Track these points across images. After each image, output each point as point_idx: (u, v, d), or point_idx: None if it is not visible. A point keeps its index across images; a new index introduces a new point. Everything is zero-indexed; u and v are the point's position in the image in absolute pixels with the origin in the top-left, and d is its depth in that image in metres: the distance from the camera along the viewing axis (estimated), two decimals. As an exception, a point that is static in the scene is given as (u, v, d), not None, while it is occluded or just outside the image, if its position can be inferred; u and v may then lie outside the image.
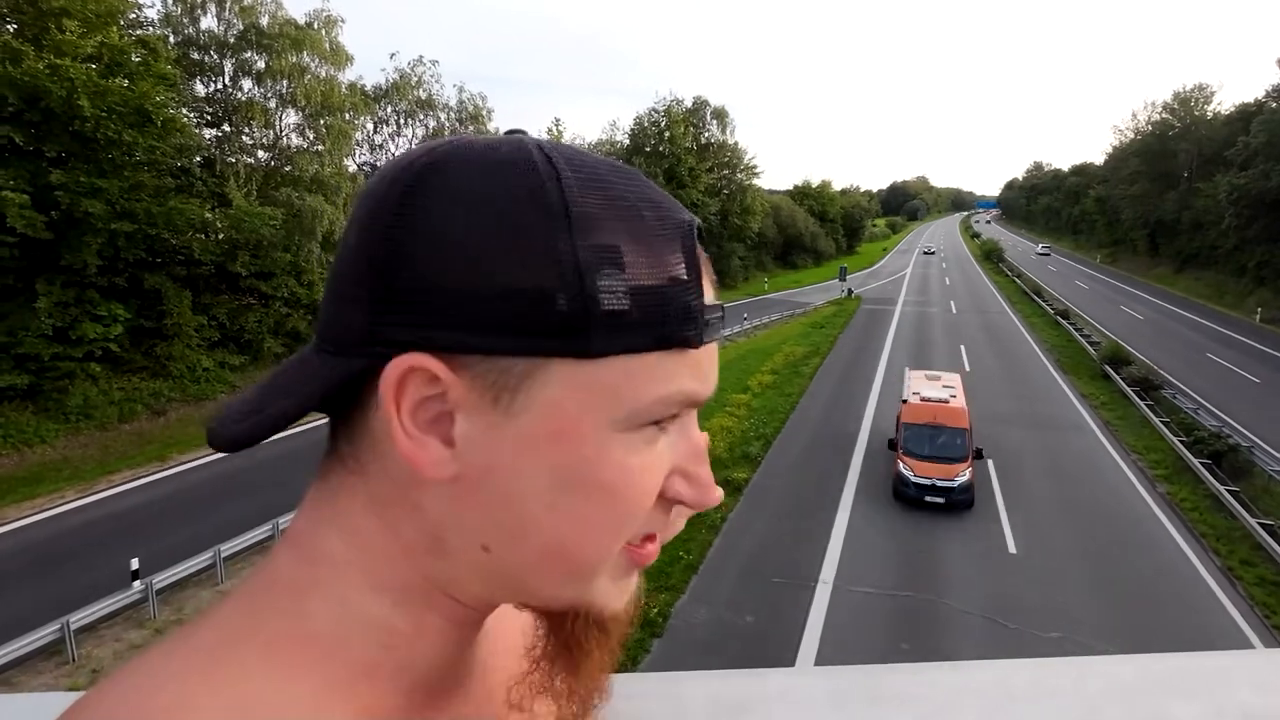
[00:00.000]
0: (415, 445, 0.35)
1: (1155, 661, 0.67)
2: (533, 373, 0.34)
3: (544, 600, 0.40)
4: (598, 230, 0.34)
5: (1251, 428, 17.23)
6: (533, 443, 0.35)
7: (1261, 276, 37.46)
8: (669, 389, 0.36)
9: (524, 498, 0.36)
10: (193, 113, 20.51)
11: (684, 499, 0.39)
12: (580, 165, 0.36)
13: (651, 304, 0.35)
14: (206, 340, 18.72)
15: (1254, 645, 8.78)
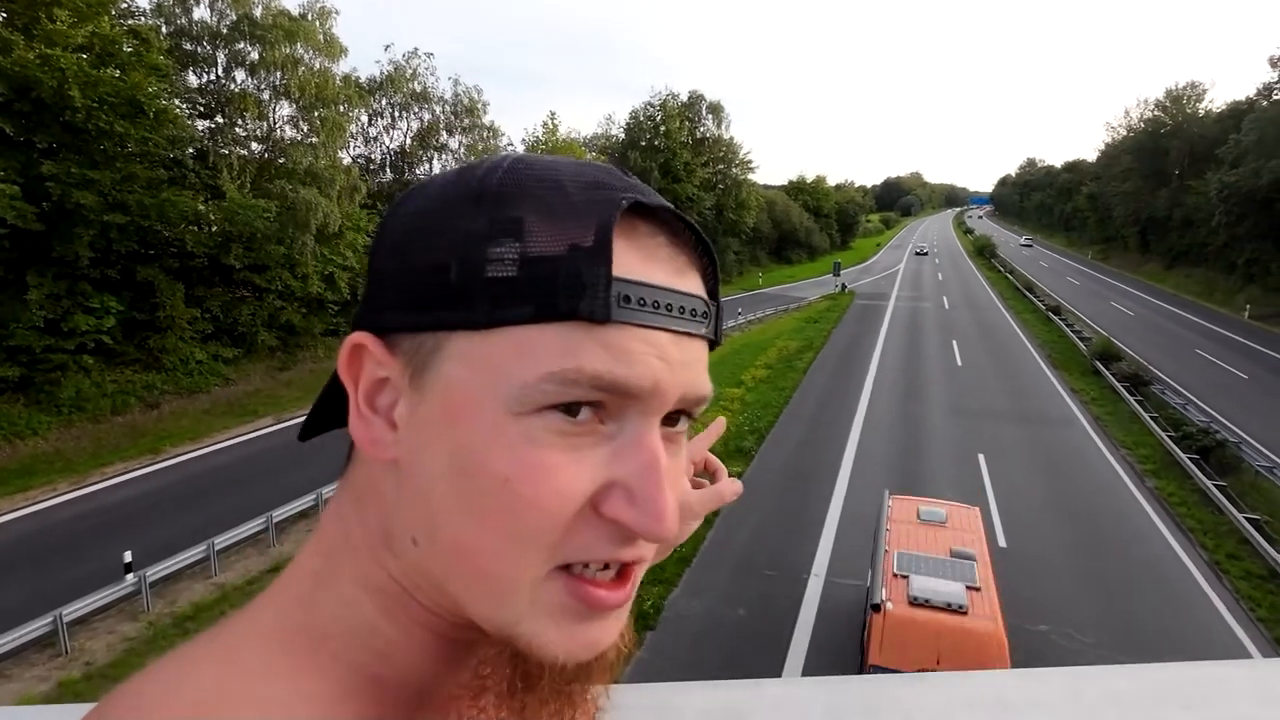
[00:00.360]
0: (361, 423, 0.36)
1: (1151, 672, 0.67)
2: (438, 348, 0.34)
3: (475, 617, 0.36)
4: (506, 206, 0.34)
5: (1239, 423, 17.36)
6: (436, 423, 0.34)
7: (1250, 274, 37.67)
8: (564, 365, 0.32)
9: (431, 484, 0.34)
10: (185, 104, 20.31)
11: (624, 520, 0.34)
12: (531, 160, 0.36)
13: (540, 273, 0.33)
14: (200, 333, 18.61)
15: (1238, 637, 8.87)
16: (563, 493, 0.33)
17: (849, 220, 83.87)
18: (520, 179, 0.35)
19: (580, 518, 0.34)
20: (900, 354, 25.39)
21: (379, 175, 28.32)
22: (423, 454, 0.35)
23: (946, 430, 16.63)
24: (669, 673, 7.91)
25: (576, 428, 0.33)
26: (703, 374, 0.38)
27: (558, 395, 0.32)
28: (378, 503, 0.37)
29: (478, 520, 0.33)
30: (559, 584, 0.34)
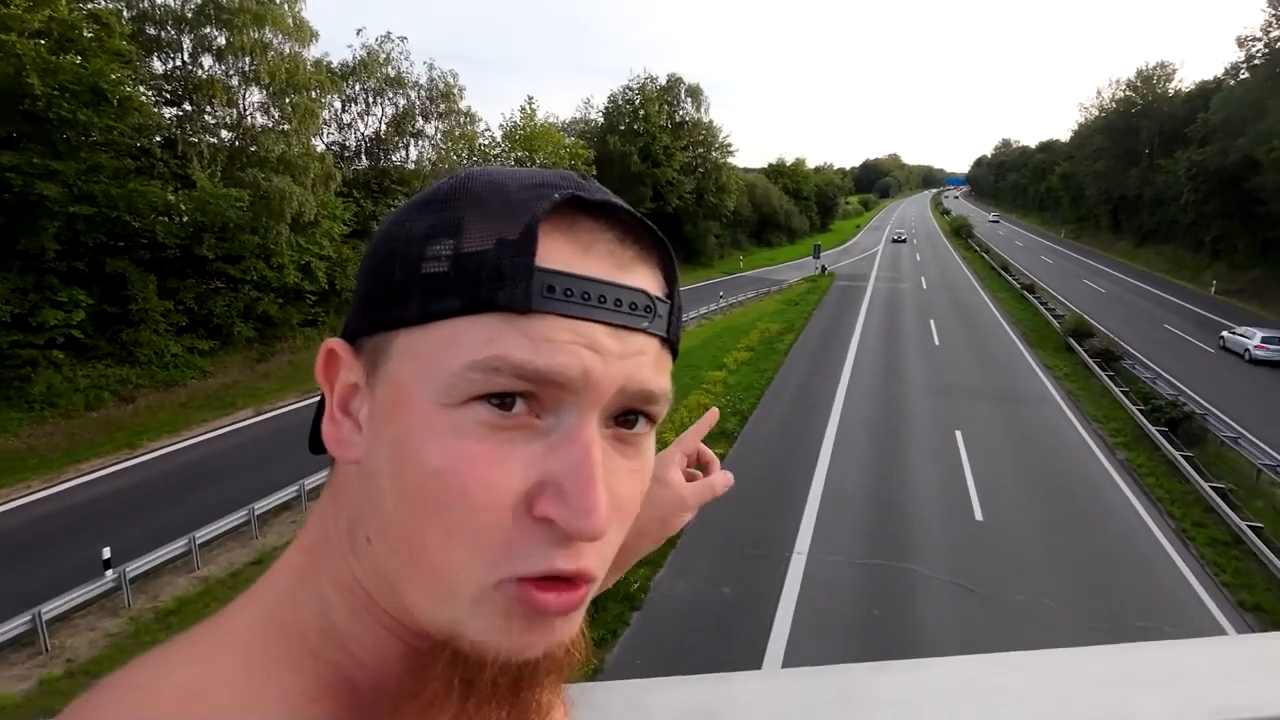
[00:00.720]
0: (331, 426, 0.38)
1: (1120, 653, 0.68)
2: (387, 347, 0.36)
3: (421, 619, 0.35)
4: (450, 207, 0.36)
5: (1206, 396, 17.80)
6: (382, 418, 0.35)
7: (1217, 250, 38.47)
8: (485, 353, 0.32)
9: (379, 480, 0.35)
10: (151, 91, 19.68)
11: (549, 515, 0.33)
12: (490, 170, 0.38)
13: (469, 267, 0.34)
14: (174, 325, 18.20)
15: (1203, 601, 9.15)
16: (490, 485, 0.33)
17: (828, 202, 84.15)
18: (469, 184, 0.37)
19: (519, 522, 0.33)
20: (879, 334, 25.63)
21: (354, 162, 27.77)
22: (374, 451, 0.35)
23: (925, 408, 16.85)
24: (658, 650, 7.99)
25: (507, 420, 0.33)
26: (647, 369, 0.36)
27: (483, 385, 0.32)
28: (346, 503, 0.38)
29: (415, 513, 0.33)
30: (503, 594, 0.34)
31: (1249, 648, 0.69)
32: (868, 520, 11.14)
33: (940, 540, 10.51)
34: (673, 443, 0.68)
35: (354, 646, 0.37)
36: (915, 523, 11.07)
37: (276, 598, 0.37)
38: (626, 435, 0.37)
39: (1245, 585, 9.48)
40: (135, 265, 17.45)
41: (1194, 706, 0.61)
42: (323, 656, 0.36)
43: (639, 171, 43.71)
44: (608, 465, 0.35)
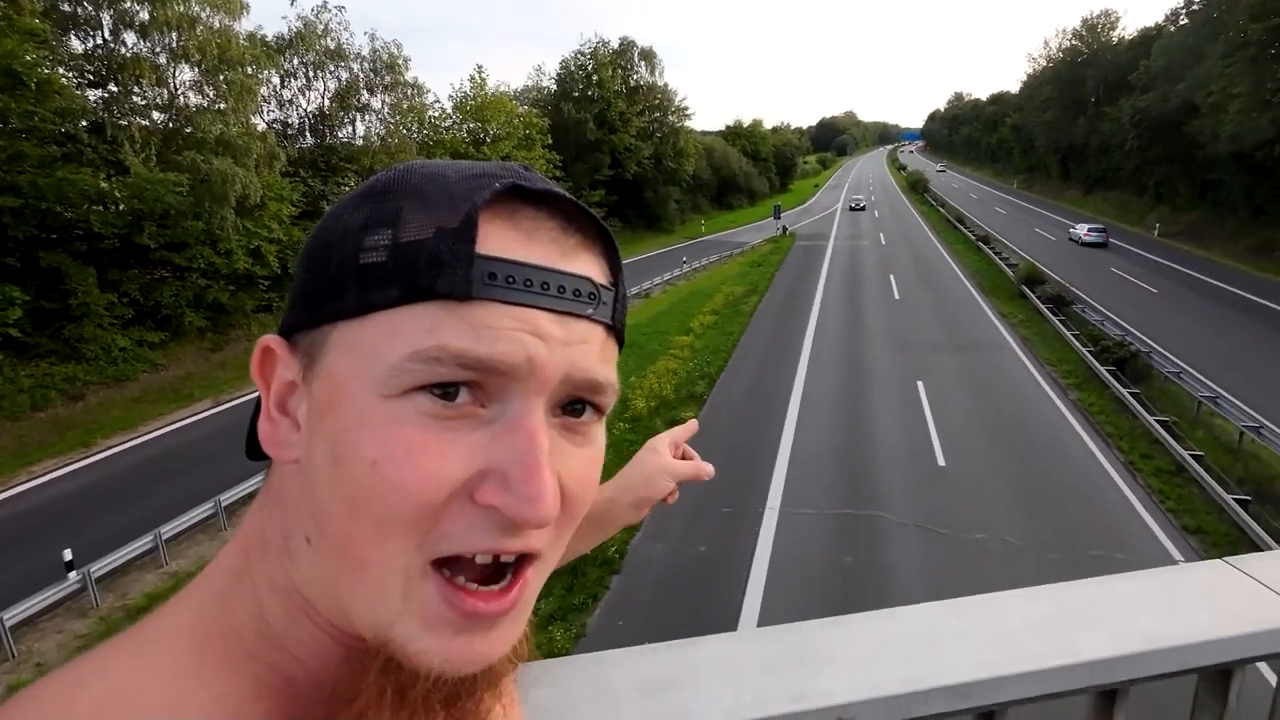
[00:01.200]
0: (268, 425, 0.37)
1: (1064, 590, 0.70)
2: (322, 341, 0.35)
3: (357, 623, 0.34)
4: (388, 198, 0.35)
5: (1150, 334, 18.55)
6: (317, 415, 0.34)
7: (1160, 194, 39.69)
8: (426, 342, 0.32)
9: (317, 476, 0.34)
10: (72, 73, 18.47)
11: (494, 503, 0.32)
12: (429, 162, 0.37)
13: (407, 256, 0.33)
14: (119, 318, 17.42)
15: (1150, 527, 9.66)
16: (429, 475, 0.32)
17: (787, 163, 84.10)
18: (408, 175, 0.36)
19: (455, 506, 0.32)
20: (841, 291, 25.96)
21: (299, 141, 26.64)
22: (312, 449, 0.34)
23: (887, 362, 17.21)
24: (639, 611, 8.14)
25: (450, 410, 0.32)
26: (591, 358, 0.36)
27: (425, 375, 0.32)
28: (283, 505, 0.36)
29: (350, 508, 0.32)
30: (434, 586, 0.33)
31: (1181, 577, 0.71)
32: (836, 473, 11.42)
33: (905, 487, 10.85)
34: (665, 431, 0.79)
35: (293, 648, 0.35)
36: (881, 472, 11.40)
37: (211, 599, 0.36)
38: (574, 424, 0.36)
39: (1188, 510, 10.03)
40: (72, 258, 16.59)
41: (1131, 635, 0.62)
42: (260, 658, 0.35)
43: (595, 139, 42.91)
44: (557, 451, 0.34)
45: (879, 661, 0.61)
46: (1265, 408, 13.31)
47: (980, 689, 0.58)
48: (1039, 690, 0.59)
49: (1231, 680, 0.65)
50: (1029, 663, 0.59)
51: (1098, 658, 0.60)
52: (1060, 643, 0.62)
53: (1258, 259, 28.38)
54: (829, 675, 0.59)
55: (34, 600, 8.47)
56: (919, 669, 0.59)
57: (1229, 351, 17.23)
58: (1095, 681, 0.60)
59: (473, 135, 34.67)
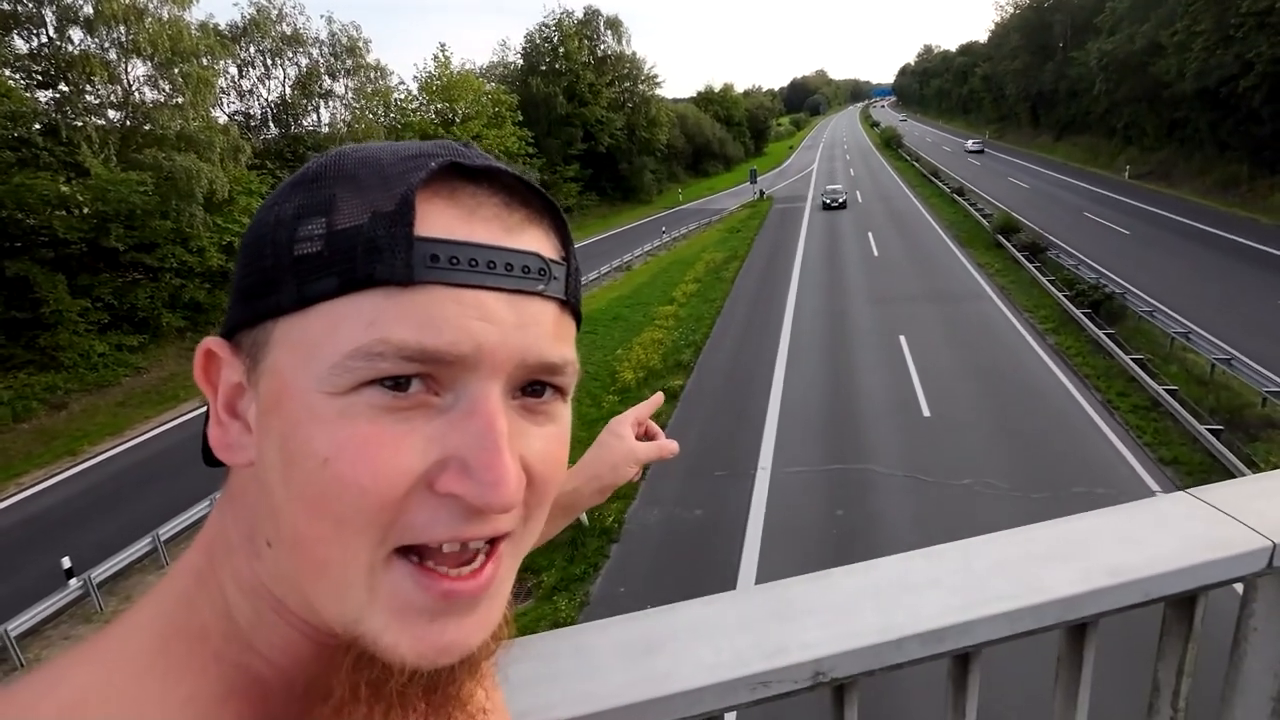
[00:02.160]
0: (218, 429, 0.35)
1: (1033, 531, 0.71)
2: (264, 339, 0.33)
3: (323, 620, 0.33)
4: (320, 186, 0.33)
5: (1124, 275, 18.78)
6: (266, 414, 0.33)
7: (1128, 136, 39.81)
8: (367, 337, 0.30)
9: (270, 478, 0.33)
10: (18, 73, 17.73)
11: (455, 491, 0.31)
12: (362, 146, 0.35)
13: (343, 243, 0.31)
14: (95, 324, 17.07)
15: (1128, 461, 9.91)
16: (385, 469, 0.30)
17: (760, 126, 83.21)
18: (339, 160, 0.34)
19: (416, 496, 0.31)
20: (821, 252, 25.95)
21: (263, 131, 25.94)
22: (263, 449, 0.33)
23: (869, 317, 17.31)
24: (639, 577, 8.27)
25: (402, 401, 0.31)
26: (545, 340, 0.34)
27: (369, 371, 0.30)
28: (244, 506, 0.35)
29: (305, 506, 0.31)
30: (402, 571, 0.32)
31: (1145, 510, 0.72)
32: (824, 430, 11.56)
33: (893, 439, 11.01)
34: (628, 410, 0.78)
35: (263, 647, 0.35)
36: (869, 426, 11.55)
37: (174, 601, 0.35)
38: (535, 404, 0.35)
39: (1164, 443, 10.29)
40: (38, 265, 16.16)
41: (1097, 570, 0.63)
42: (228, 658, 0.34)
43: (566, 113, 42.11)
44: (518, 434, 0.33)
45: (855, 613, 0.62)
46: (1235, 339, 13.60)
47: (953, 633, 0.59)
48: (1011, 630, 0.60)
49: (1196, 606, 0.67)
50: (999, 604, 0.60)
51: (1066, 594, 0.61)
52: (1029, 582, 0.63)
53: (1223, 194, 28.69)
54: (807, 629, 0.60)
55: (37, 609, 8.47)
56: (894, 618, 0.60)
57: (1199, 287, 17.52)
58: (1065, 618, 0.61)
59: (441, 116, 33.91)
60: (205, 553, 0.36)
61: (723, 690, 0.56)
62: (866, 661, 0.58)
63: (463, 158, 0.33)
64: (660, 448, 0.75)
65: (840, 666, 0.58)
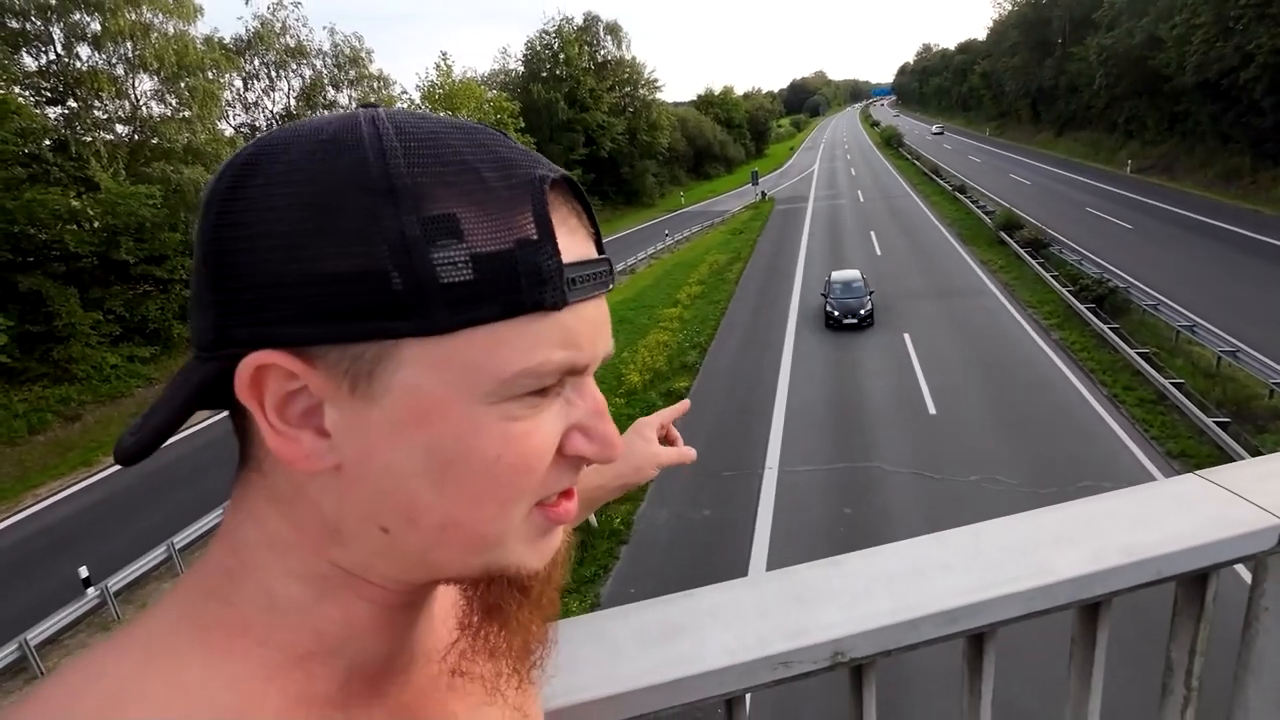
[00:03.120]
0: (286, 440, 0.34)
1: (1043, 515, 0.72)
2: (384, 356, 0.33)
3: (456, 572, 0.38)
4: (429, 200, 0.32)
5: (1127, 269, 18.67)
6: (401, 427, 0.34)
7: (1130, 130, 39.61)
8: (533, 361, 0.34)
9: (407, 481, 0.35)
10: (28, 90, 17.92)
11: (587, 454, 0.39)
12: (413, 132, 0.34)
13: (498, 271, 0.32)
14: (107, 336, 17.21)
15: (1135, 454, 9.86)
16: (543, 452, 0.37)
17: (761, 127, 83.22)
18: (427, 165, 0.33)
19: (552, 464, 0.38)
20: (824, 252, 25.91)
21: (269, 142, 26.09)
22: (385, 456, 0.34)
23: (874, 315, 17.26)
24: (649, 576, 8.27)
25: (545, 399, 0.36)
26: (610, 330, 0.41)
27: (530, 386, 0.35)
28: (309, 507, 0.36)
29: (471, 498, 0.35)
30: (536, 514, 0.39)
31: (1155, 492, 0.73)
32: (831, 428, 11.54)
33: (899, 437, 10.98)
34: (654, 413, 0.83)
35: (316, 622, 0.37)
36: (874, 424, 11.53)
37: (207, 597, 0.36)
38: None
39: (1171, 436, 10.22)
40: (51, 279, 16.30)
41: (1108, 550, 0.64)
42: (271, 643, 0.35)
43: (568, 118, 42.23)
44: None
45: (871, 595, 0.63)
46: (1241, 331, 13.51)
47: (967, 613, 0.60)
48: (1024, 610, 0.61)
49: (1208, 585, 0.68)
50: (1012, 585, 0.61)
51: (1078, 574, 0.62)
52: (1040, 564, 0.63)
53: (1226, 186, 28.51)
54: (825, 611, 0.61)
55: (56, 618, 8.52)
56: (909, 599, 0.61)
57: (1204, 279, 17.41)
58: (1077, 597, 0.62)
59: (444, 124, 33.96)
60: (232, 554, 0.37)
61: (745, 670, 0.57)
62: (883, 642, 0.59)
63: (547, 169, 0.36)
64: (681, 453, 0.80)
65: (858, 647, 0.59)
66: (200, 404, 0.36)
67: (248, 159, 0.34)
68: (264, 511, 0.37)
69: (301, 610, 0.37)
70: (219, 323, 0.33)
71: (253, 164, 0.33)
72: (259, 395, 0.33)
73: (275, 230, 0.32)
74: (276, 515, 0.37)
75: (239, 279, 0.32)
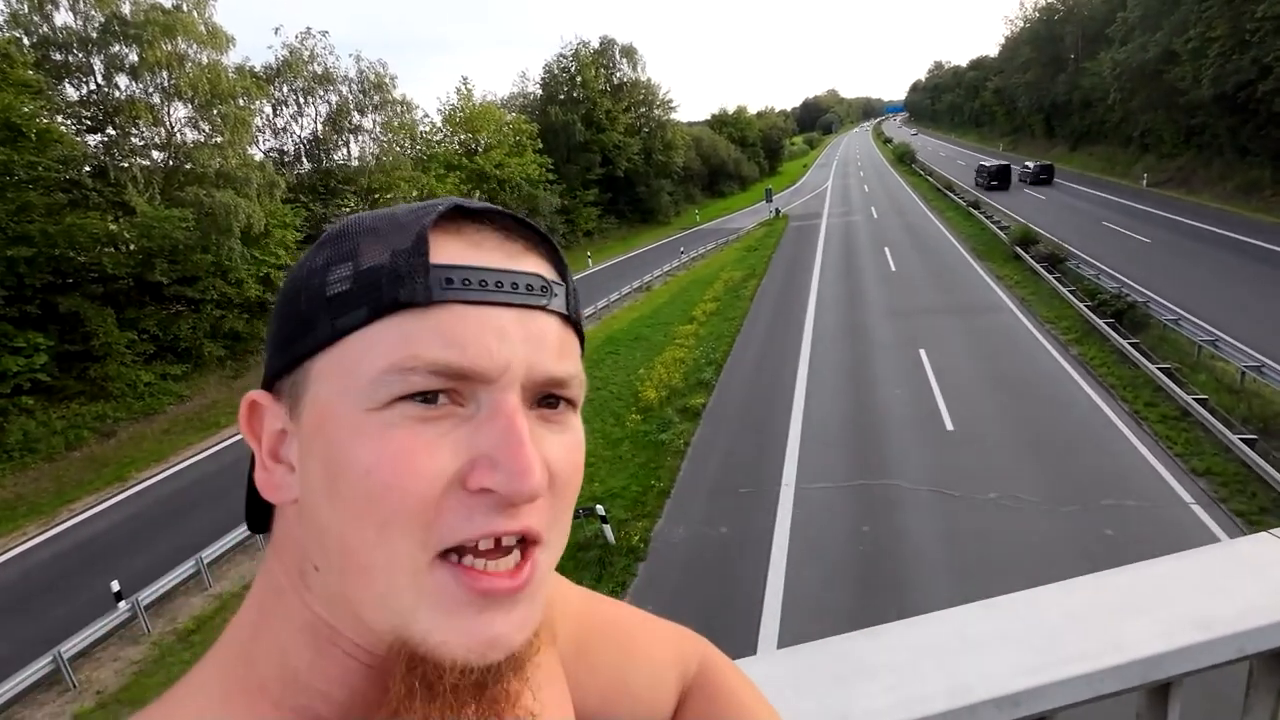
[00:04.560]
0: (264, 474, 0.38)
1: (1107, 579, 0.66)
2: (303, 378, 0.36)
3: (376, 631, 0.35)
4: (343, 239, 0.37)
5: (1146, 284, 18.30)
6: (309, 442, 0.36)
7: (1145, 144, 39.06)
8: (402, 354, 0.33)
9: (315, 501, 0.35)
10: (69, 119, 18.49)
11: (486, 484, 0.33)
12: (381, 211, 0.39)
13: (370, 278, 0.35)
14: (141, 354, 17.54)
15: (1159, 473, 9.55)
16: (422, 471, 0.33)
17: (774, 146, 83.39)
18: (358, 220, 0.38)
19: (451, 499, 0.33)
20: (838, 268, 25.75)
21: (296, 166, 26.64)
22: (308, 479, 0.36)
23: (889, 332, 17.07)
24: (666, 595, 8.14)
25: (433, 412, 0.34)
26: (553, 350, 0.37)
27: (403, 386, 0.33)
28: (289, 545, 0.38)
29: (350, 518, 0.33)
30: (446, 573, 0.34)
31: (1227, 554, 0.66)
32: (847, 445, 11.36)
33: (916, 453, 10.77)
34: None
35: (320, 683, 0.36)
36: (891, 440, 11.33)
37: (234, 658, 0.37)
38: (550, 415, 0.38)
39: (1196, 453, 9.90)
40: (89, 300, 16.68)
41: (1180, 622, 0.58)
42: (286, 704, 0.36)
43: (585, 139, 42.63)
44: (538, 438, 0.36)
45: (920, 674, 0.57)
46: (1265, 346, 13.12)
47: (1029, 697, 0.54)
48: (1090, 693, 0.55)
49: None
50: (1078, 664, 0.55)
51: (1149, 654, 0.56)
52: (1107, 639, 0.57)
53: (1246, 199, 27.93)
54: (870, 693, 0.55)
55: (88, 631, 8.61)
56: (963, 679, 0.55)
57: (1226, 294, 16.98)
58: (1148, 678, 0.56)
59: (464, 146, 34.55)
60: (257, 608, 0.38)
61: (785, 764, 0.52)
62: (937, 729, 0.54)
63: (464, 202, 0.37)
64: None
65: (908, 735, 0.53)
66: None
67: None
68: (271, 561, 0.39)
69: (308, 668, 0.37)
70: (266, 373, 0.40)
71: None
72: (257, 432, 0.38)
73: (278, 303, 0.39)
74: (277, 562, 0.39)
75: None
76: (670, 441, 11.97)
